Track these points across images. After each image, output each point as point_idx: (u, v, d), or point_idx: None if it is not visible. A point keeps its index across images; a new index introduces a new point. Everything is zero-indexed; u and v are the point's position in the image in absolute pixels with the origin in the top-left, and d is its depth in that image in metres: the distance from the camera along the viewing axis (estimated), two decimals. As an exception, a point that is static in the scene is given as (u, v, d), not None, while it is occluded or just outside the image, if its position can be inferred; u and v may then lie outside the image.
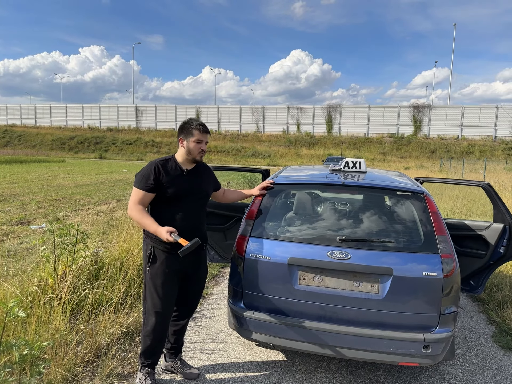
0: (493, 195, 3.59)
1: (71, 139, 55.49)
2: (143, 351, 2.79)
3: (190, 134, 2.70)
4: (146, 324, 2.75)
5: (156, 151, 50.09)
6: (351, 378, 3.05)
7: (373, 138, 49.14)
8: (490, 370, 3.23)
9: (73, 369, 2.82)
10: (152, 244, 2.67)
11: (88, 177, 19.15)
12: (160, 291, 2.68)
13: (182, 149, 2.75)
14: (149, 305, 2.72)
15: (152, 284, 2.68)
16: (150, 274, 2.68)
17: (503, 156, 39.63)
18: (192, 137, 2.70)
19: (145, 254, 2.72)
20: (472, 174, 24.77)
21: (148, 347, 2.77)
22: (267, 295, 2.80)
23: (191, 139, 2.70)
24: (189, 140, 2.70)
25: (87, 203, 10.89)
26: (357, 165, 3.50)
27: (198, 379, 2.94)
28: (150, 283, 2.69)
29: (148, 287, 2.71)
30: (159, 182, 2.61)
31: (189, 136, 2.70)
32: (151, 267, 2.67)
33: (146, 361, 2.79)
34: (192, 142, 2.70)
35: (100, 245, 5.23)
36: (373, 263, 2.66)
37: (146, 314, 2.76)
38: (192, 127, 2.71)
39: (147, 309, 2.75)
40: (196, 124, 2.71)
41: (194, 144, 2.71)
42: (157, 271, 2.66)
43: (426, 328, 2.62)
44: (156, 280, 2.67)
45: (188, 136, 2.71)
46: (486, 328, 4.05)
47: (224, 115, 56.76)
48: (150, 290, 2.70)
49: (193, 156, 2.73)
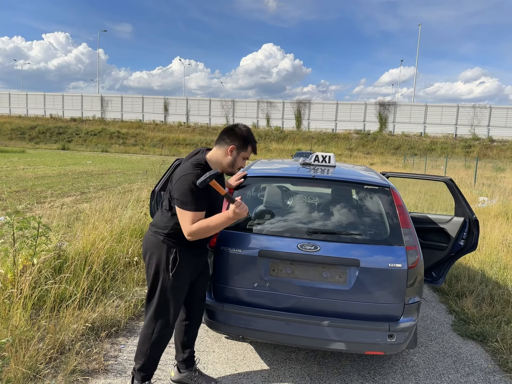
0: (455, 190, 3.74)
1: (32, 129, 53.11)
2: (146, 363, 2.53)
3: (244, 148, 2.51)
4: (157, 332, 2.50)
5: (122, 143, 48.84)
6: (319, 368, 3.11)
7: (341, 134, 49.98)
8: (450, 357, 3.38)
9: (35, 366, 2.71)
10: (176, 247, 2.42)
11: (50, 169, 18.42)
12: (181, 298, 2.52)
13: (226, 158, 2.48)
14: (165, 313, 2.48)
15: (174, 292, 2.45)
16: (173, 281, 2.42)
17: (462, 153, 41.33)
18: (245, 153, 2.52)
19: (165, 259, 2.42)
20: (434, 170, 25.72)
21: (155, 357, 2.56)
22: (238, 287, 2.80)
23: (242, 153, 2.51)
24: (240, 153, 2.51)
25: (49, 195, 10.47)
26: (327, 159, 3.54)
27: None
28: (171, 291, 2.44)
29: (167, 296, 2.45)
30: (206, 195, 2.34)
31: (242, 149, 2.50)
32: (174, 273, 2.41)
33: (148, 372, 2.57)
34: (241, 157, 2.52)
35: (63, 239, 5.05)
36: (341, 255, 2.71)
37: (157, 322, 2.49)
38: (250, 143, 2.52)
39: (159, 317, 2.49)
40: (253, 141, 2.54)
41: (241, 159, 2.54)
42: (179, 277, 2.43)
43: (391, 318, 2.70)
44: (179, 287, 2.46)
45: (241, 149, 2.50)
46: (446, 318, 4.23)
47: (193, 107, 56.01)
48: (169, 299, 2.46)
49: (232, 170, 2.56)
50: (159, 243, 2.44)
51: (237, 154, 2.50)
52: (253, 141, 2.54)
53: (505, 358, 3.32)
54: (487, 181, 18.83)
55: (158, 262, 2.43)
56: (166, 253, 2.42)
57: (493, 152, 42.42)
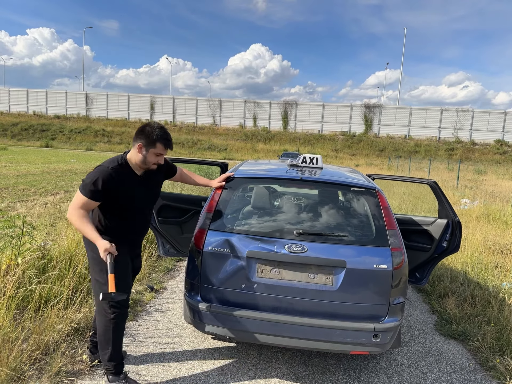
0: (439, 192, 3.81)
1: (14, 126, 51.96)
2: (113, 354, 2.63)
3: (153, 145, 2.52)
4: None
5: (107, 141, 48.19)
6: (305, 368, 3.14)
7: (327, 135, 50.35)
8: (433, 357, 3.45)
9: (19, 368, 2.67)
10: (108, 238, 2.51)
11: (33, 166, 18.08)
12: (126, 279, 2.69)
13: (137, 156, 2.55)
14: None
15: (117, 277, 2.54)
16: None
17: (445, 156, 42.07)
18: (154, 149, 2.53)
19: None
20: (417, 172, 26.11)
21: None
22: (225, 288, 2.81)
23: (152, 150, 2.53)
24: (150, 151, 2.53)
25: (32, 193, 10.30)
26: (314, 161, 3.58)
27: (151, 373, 2.89)
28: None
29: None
30: (109, 190, 2.47)
31: (151, 147, 2.52)
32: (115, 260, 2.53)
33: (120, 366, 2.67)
34: (152, 154, 2.54)
35: (48, 238, 4.98)
36: (328, 256, 2.75)
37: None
38: (157, 139, 2.51)
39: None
40: (162, 138, 2.53)
41: (153, 156, 2.56)
42: (117, 262, 2.53)
43: (376, 318, 2.75)
44: (121, 271, 2.56)
45: (150, 146, 2.52)
46: (429, 317, 4.31)
47: (180, 106, 55.68)
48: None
49: (147, 167, 2.60)
50: (88, 241, 2.54)
51: (146, 151, 2.53)
52: (161, 138, 2.52)
53: (485, 357, 3.40)
54: (469, 184, 19.21)
55: (97, 255, 2.49)
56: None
57: (475, 155, 43.33)
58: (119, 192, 2.53)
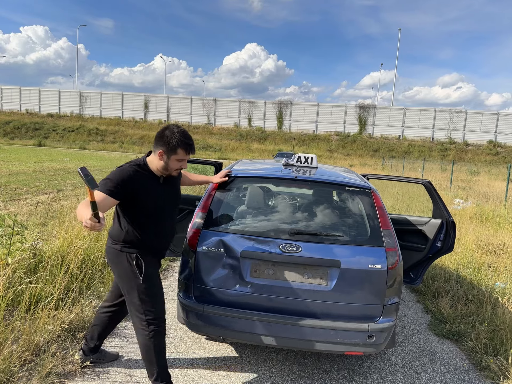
0: (433, 192, 3.81)
1: (6, 124, 51.46)
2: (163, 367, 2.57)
3: (174, 152, 2.40)
4: (152, 335, 2.49)
5: (100, 140, 47.87)
6: (299, 368, 3.12)
7: (321, 135, 50.40)
8: (427, 356, 3.45)
9: (8, 369, 2.63)
10: (135, 251, 2.47)
11: (25, 165, 17.91)
12: (160, 292, 2.59)
13: (159, 162, 2.44)
14: (152, 313, 2.49)
15: (151, 291, 2.49)
16: (146, 283, 2.46)
17: (439, 156, 42.32)
18: (175, 156, 2.41)
19: (130, 266, 2.46)
20: (411, 172, 26.23)
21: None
22: (219, 288, 2.78)
23: (173, 156, 2.41)
24: (171, 157, 2.41)
25: (24, 192, 10.19)
26: (309, 161, 3.56)
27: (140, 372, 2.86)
28: (148, 292, 2.48)
29: (147, 297, 2.48)
30: (128, 188, 2.34)
31: (172, 153, 2.40)
32: (144, 275, 2.45)
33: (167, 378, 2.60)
34: (174, 160, 2.43)
35: (39, 237, 4.92)
36: (322, 256, 2.73)
37: (149, 326, 2.49)
38: (177, 145, 2.38)
39: (149, 319, 2.49)
40: (183, 143, 2.40)
41: (175, 162, 2.44)
42: (150, 277, 2.50)
43: (370, 318, 2.73)
44: (154, 285, 2.53)
45: (171, 153, 2.40)
46: (423, 317, 4.32)
47: (174, 105, 55.44)
48: (149, 299, 2.48)
49: (169, 173, 2.50)
50: (118, 253, 2.50)
51: (167, 158, 2.42)
52: (182, 143, 2.40)
53: (479, 357, 3.41)
54: (462, 184, 19.33)
55: (125, 272, 2.49)
56: (128, 261, 2.47)
57: (468, 155, 43.60)
58: (140, 193, 2.40)
